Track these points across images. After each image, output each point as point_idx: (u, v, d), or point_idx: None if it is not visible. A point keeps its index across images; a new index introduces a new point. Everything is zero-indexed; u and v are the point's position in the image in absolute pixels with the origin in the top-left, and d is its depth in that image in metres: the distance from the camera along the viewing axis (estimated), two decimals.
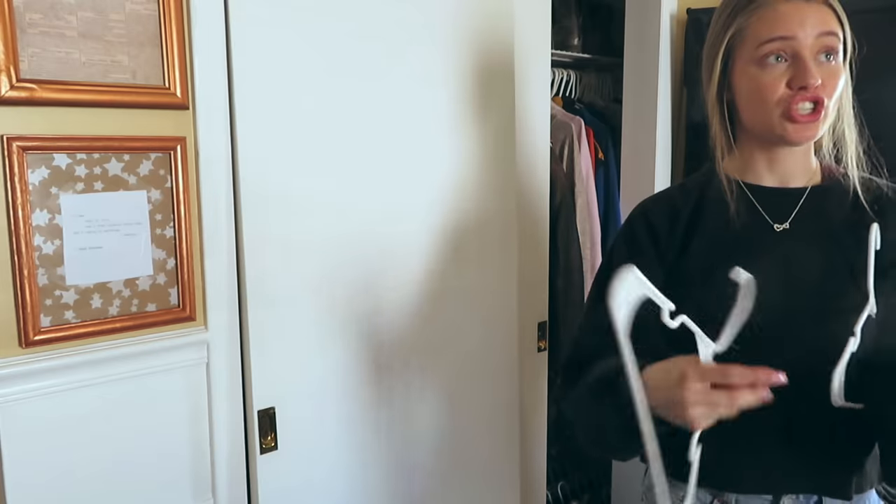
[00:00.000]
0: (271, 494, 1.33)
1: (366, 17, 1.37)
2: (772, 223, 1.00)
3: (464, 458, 1.66)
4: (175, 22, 1.15)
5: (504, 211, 1.66)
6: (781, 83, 0.93)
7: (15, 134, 1.03)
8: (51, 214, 1.08)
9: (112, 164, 1.13)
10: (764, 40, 0.93)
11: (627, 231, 1.09)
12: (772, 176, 1.02)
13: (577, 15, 2.50)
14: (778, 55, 0.93)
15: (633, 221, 1.09)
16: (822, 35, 0.92)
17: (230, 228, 1.25)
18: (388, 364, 1.49)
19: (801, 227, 0.99)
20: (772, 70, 0.94)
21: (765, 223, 1.00)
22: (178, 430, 1.23)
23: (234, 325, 1.27)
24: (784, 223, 1.00)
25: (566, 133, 2.23)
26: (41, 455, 1.10)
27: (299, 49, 1.29)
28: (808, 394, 0.93)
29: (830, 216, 0.98)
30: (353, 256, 1.40)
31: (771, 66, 0.94)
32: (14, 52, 1.01)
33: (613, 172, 2.37)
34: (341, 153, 1.37)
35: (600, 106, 2.52)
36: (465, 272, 1.59)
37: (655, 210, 1.08)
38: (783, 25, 0.92)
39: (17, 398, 1.07)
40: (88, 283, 1.12)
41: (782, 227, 0.99)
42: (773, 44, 0.93)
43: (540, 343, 1.84)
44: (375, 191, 1.42)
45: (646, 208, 1.09)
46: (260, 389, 1.30)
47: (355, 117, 1.38)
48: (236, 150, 1.23)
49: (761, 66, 0.94)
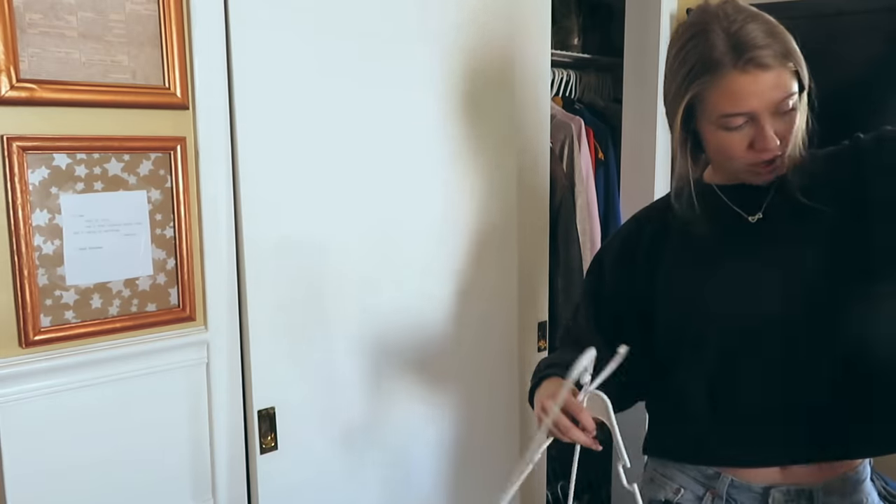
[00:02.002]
0: (271, 494, 1.33)
1: (366, 18, 1.37)
2: (746, 216, 1.03)
3: (464, 458, 1.66)
4: (175, 22, 1.15)
5: (504, 211, 1.66)
6: (744, 145, 0.95)
7: (15, 134, 1.03)
8: (51, 214, 1.08)
9: (112, 164, 1.13)
10: (722, 114, 0.94)
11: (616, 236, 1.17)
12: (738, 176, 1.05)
13: (577, 15, 2.49)
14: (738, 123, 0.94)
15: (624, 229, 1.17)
16: (780, 101, 0.92)
17: (230, 228, 1.25)
18: (389, 364, 1.48)
19: (775, 216, 1.02)
20: (734, 134, 0.95)
21: (738, 217, 1.04)
22: (177, 430, 1.23)
23: (234, 325, 1.27)
24: (758, 213, 1.03)
25: (566, 133, 2.23)
26: (41, 455, 1.10)
27: (299, 49, 1.29)
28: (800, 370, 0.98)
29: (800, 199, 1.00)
30: (353, 257, 1.40)
31: (732, 130, 0.95)
32: (14, 52, 1.01)
33: (613, 172, 2.36)
34: (341, 153, 1.37)
35: (600, 106, 2.51)
36: (465, 272, 1.59)
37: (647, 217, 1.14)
38: (743, 101, 0.92)
39: (18, 398, 1.07)
40: (88, 283, 1.12)
41: (756, 218, 1.03)
42: (733, 118, 0.94)
43: (540, 343, 1.84)
44: (375, 191, 1.42)
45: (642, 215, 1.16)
46: (260, 389, 1.30)
47: (355, 117, 1.38)
48: (236, 150, 1.23)
49: (723, 129, 0.96)
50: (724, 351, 1.01)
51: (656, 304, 1.07)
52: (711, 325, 1.02)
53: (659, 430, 1.13)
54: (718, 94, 0.93)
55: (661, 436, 1.12)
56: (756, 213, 1.03)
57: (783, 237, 1.01)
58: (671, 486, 1.08)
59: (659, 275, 1.08)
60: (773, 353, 0.99)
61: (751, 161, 0.97)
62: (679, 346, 1.05)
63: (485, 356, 1.66)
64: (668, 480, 1.08)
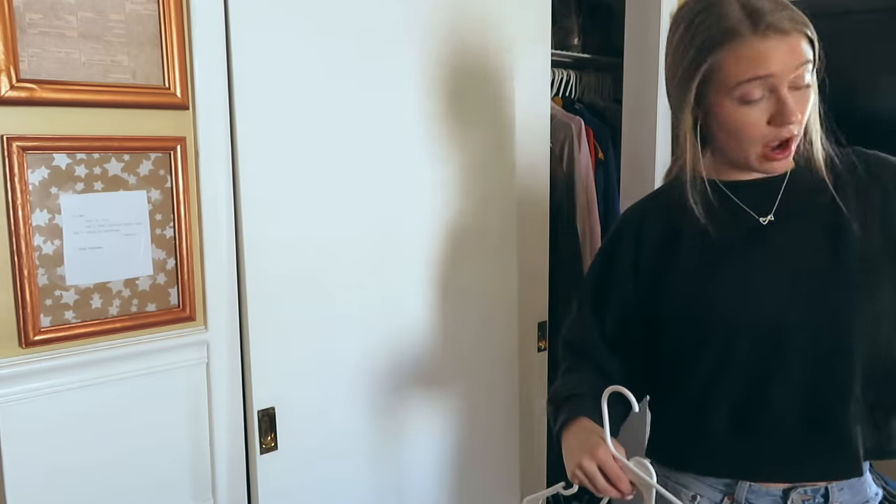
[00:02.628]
0: (271, 494, 1.33)
1: (366, 18, 1.37)
2: (757, 217, 1.01)
3: (463, 458, 1.66)
4: (175, 22, 1.15)
5: (504, 211, 1.66)
6: (762, 121, 0.93)
7: (15, 134, 1.03)
8: (51, 214, 1.08)
9: (112, 164, 1.13)
10: (742, 80, 0.91)
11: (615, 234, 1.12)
12: (747, 172, 1.02)
13: (577, 15, 2.49)
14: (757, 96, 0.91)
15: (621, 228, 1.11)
16: (798, 67, 0.90)
17: (230, 228, 1.25)
18: (388, 364, 1.48)
19: (787, 217, 1.00)
20: (752, 108, 0.92)
21: (750, 218, 1.01)
22: (178, 430, 1.23)
23: (234, 325, 1.27)
24: (768, 215, 1.00)
25: (566, 133, 2.23)
26: (41, 455, 1.10)
27: (299, 49, 1.29)
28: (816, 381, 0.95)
29: (816, 200, 0.99)
30: (353, 257, 1.40)
31: (751, 104, 0.92)
32: (14, 52, 1.01)
33: (613, 172, 2.36)
34: (341, 153, 1.37)
35: (600, 106, 2.51)
36: (465, 272, 1.59)
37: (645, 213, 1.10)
38: (762, 65, 0.89)
39: (18, 398, 1.07)
40: (88, 283, 1.12)
41: (767, 220, 1.00)
42: (753, 83, 0.90)
43: (540, 343, 1.84)
44: (375, 191, 1.42)
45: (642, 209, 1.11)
46: (260, 389, 1.30)
47: (355, 117, 1.38)
48: (236, 150, 1.23)
49: (741, 103, 0.92)
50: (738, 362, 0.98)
51: (661, 307, 1.04)
52: (717, 330, 0.98)
53: (670, 438, 1.08)
54: (736, 62, 0.90)
55: (674, 445, 1.07)
56: (767, 215, 1.00)
57: (797, 238, 0.98)
58: (686, 494, 1.04)
59: (662, 276, 1.04)
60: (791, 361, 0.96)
61: (770, 139, 0.93)
62: (684, 350, 1.02)
63: (485, 356, 1.66)
64: (682, 487, 1.05)
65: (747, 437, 0.98)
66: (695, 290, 1.01)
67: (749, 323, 0.97)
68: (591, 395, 0.93)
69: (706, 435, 1.01)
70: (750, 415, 0.98)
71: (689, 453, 1.04)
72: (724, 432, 0.99)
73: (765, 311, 0.96)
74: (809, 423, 0.96)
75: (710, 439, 1.01)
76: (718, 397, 0.99)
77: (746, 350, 0.97)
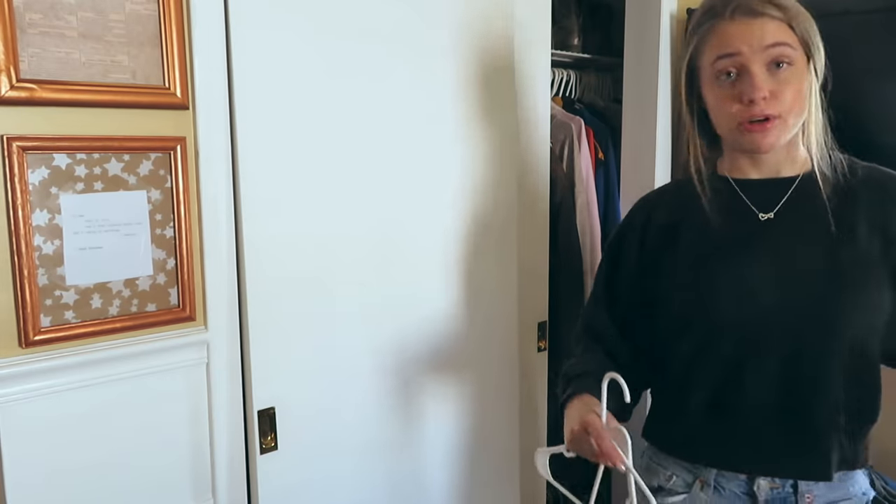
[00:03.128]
0: (271, 494, 1.33)
1: (366, 18, 1.37)
2: (756, 212, 1.04)
3: (464, 457, 1.66)
4: (175, 22, 1.15)
5: (504, 211, 1.66)
6: (735, 98, 0.99)
7: (15, 134, 1.03)
8: (51, 214, 1.08)
9: (112, 164, 1.13)
10: (713, 59, 1.00)
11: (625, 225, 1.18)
12: (758, 170, 1.07)
13: (577, 15, 2.49)
14: (729, 71, 0.99)
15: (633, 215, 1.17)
16: (769, 47, 0.96)
17: (230, 228, 1.25)
18: (388, 364, 1.48)
19: (787, 216, 1.03)
20: (725, 86, 1.00)
21: (750, 212, 1.05)
22: (178, 431, 1.23)
23: (234, 325, 1.27)
24: (769, 213, 1.04)
25: (566, 133, 2.23)
26: (41, 455, 1.10)
27: (299, 49, 1.29)
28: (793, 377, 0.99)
29: (819, 203, 1.02)
30: (353, 257, 1.40)
31: (724, 81, 1.00)
32: (14, 52, 1.01)
33: (613, 172, 2.36)
34: (342, 153, 1.37)
35: (600, 106, 2.51)
36: (465, 272, 1.59)
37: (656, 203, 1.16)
38: (729, 43, 0.98)
39: (17, 398, 1.07)
40: (88, 283, 1.12)
41: (767, 217, 1.03)
42: (722, 61, 0.99)
43: (540, 343, 1.84)
44: (375, 191, 1.42)
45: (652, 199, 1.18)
46: (260, 389, 1.30)
47: (355, 118, 1.38)
48: (236, 150, 1.23)
49: (717, 81, 1.01)
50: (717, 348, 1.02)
51: (658, 296, 1.08)
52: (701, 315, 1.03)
53: (656, 420, 1.15)
54: (710, 44, 1.01)
55: (658, 426, 1.14)
56: (768, 212, 1.04)
57: (792, 238, 1.01)
58: (664, 473, 1.10)
59: (664, 267, 1.09)
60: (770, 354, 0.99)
61: (744, 118, 0.98)
62: (676, 339, 1.06)
63: (485, 356, 1.66)
64: (660, 468, 1.11)
65: (722, 420, 1.03)
66: (685, 280, 1.06)
67: (732, 310, 1.01)
68: (597, 374, 0.99)
69: (685, 414, 1.06)
70: (726, 398, 1.02)
71: (670, 434, 1.11)
72: (701, 414, 1.04)
73: (749, 303, 1.00)
74: (784, 417, 1.00)
75: (689, 419, 1.06)
76: (698, 379, 1.04)
77: (726, 335, 1.01)
